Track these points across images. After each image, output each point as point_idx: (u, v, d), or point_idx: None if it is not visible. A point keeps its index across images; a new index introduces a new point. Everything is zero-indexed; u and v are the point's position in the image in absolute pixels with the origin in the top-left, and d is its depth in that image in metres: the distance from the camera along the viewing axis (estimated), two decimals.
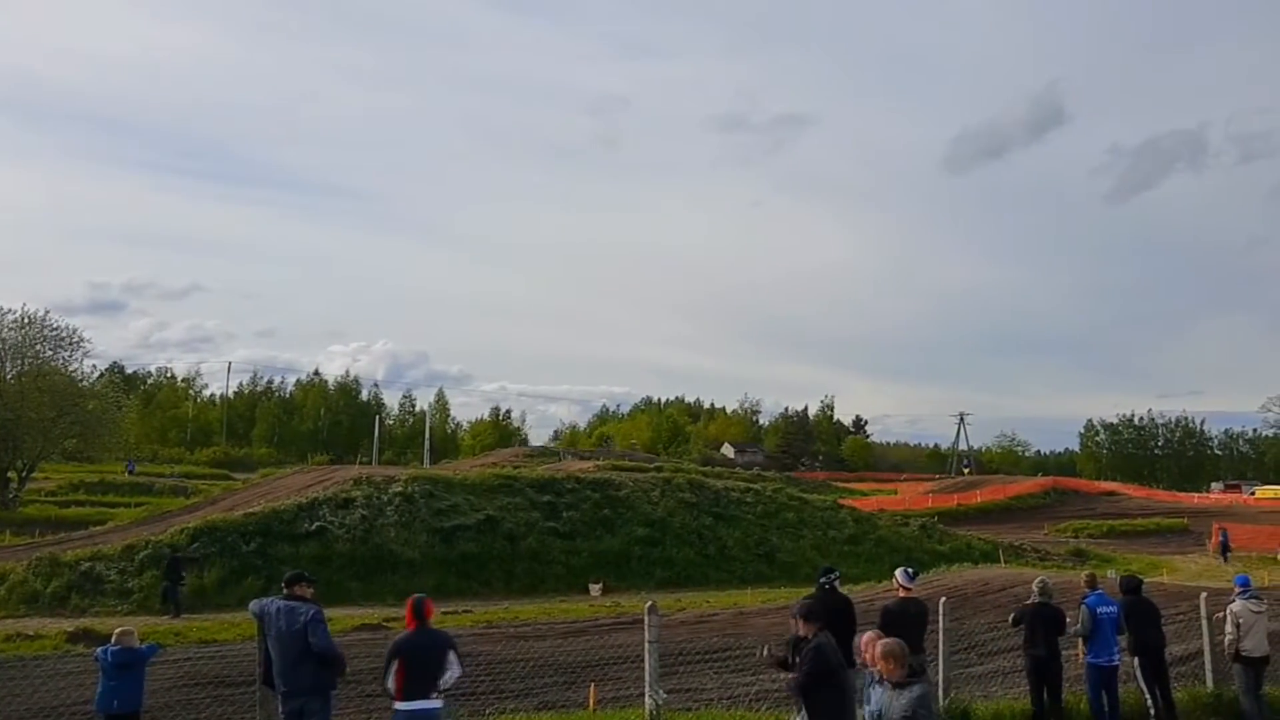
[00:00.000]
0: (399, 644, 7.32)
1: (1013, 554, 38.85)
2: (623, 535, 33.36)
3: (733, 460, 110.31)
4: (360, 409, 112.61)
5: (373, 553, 28.58)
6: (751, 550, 35.18)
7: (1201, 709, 10.86)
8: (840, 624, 9.07)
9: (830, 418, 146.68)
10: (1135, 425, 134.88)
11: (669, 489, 38.57)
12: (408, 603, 7.57)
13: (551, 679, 14.25)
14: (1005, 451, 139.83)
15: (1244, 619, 10.78)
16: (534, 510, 33.56)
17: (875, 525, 41.56)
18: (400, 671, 7.15)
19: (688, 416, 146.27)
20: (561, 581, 29.59)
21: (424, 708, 7.17)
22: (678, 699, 12.24)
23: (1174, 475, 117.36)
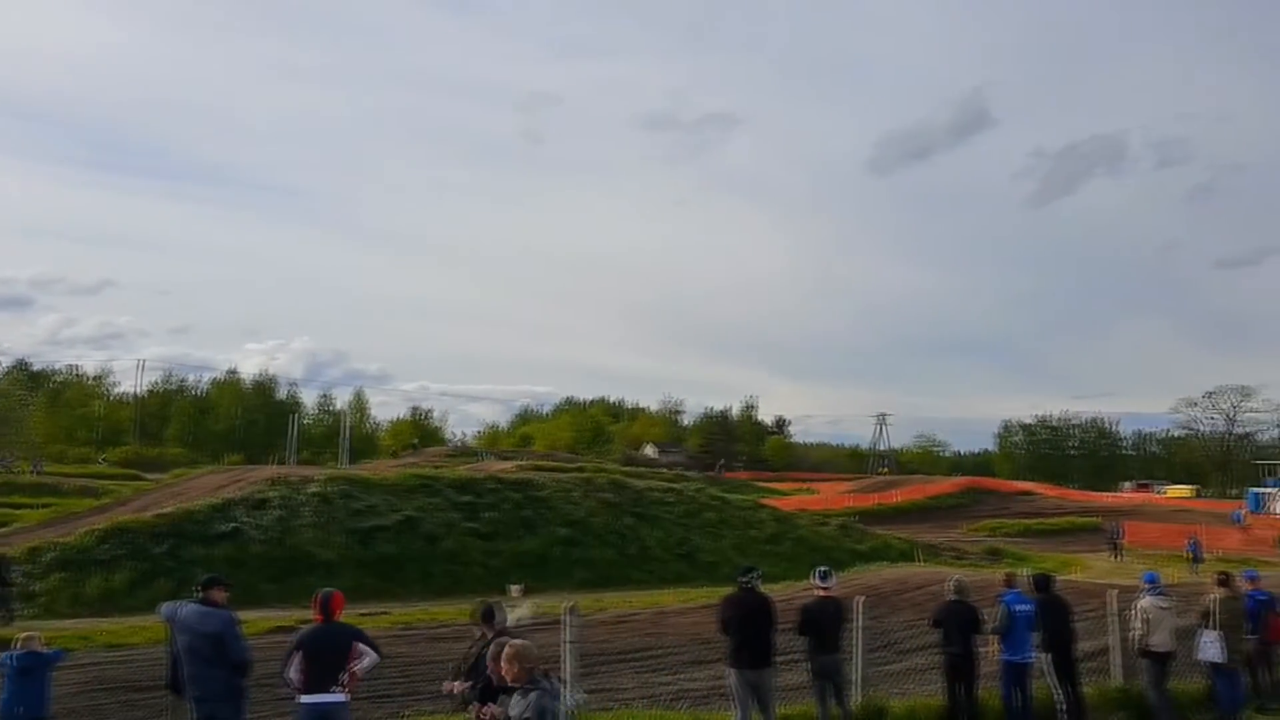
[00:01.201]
0: (302, 637, 7.29)
1: (930, 553, 39.46)
2: (543, 536, 33.11)
3: (655, 460, 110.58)
4: (277, 408, 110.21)
5: (289, 554, 27.92)
6: (672, 550, 35.19)
7: (1109, 703, 11.09)
8: (760, 622, 9.07)
9: (752, 418, 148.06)
10: (1050, 426, 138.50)
11: (590, 489, 38.42)
12: (314, 597, 7.47)
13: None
14: (924, 452, 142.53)
15: (1152, 615, 11.04)
16: (453, 511, 33.14)
17: (795, 525, 41.88)
18: (304, 665, 7.08)
19: (610, 416, 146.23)
20: (481, 582, 29.19)
21: (327, 701, 7.10)
22: (597, 699, 12.15)
23: (1087, 475, 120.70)
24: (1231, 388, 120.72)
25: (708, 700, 11.83)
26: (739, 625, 9.04)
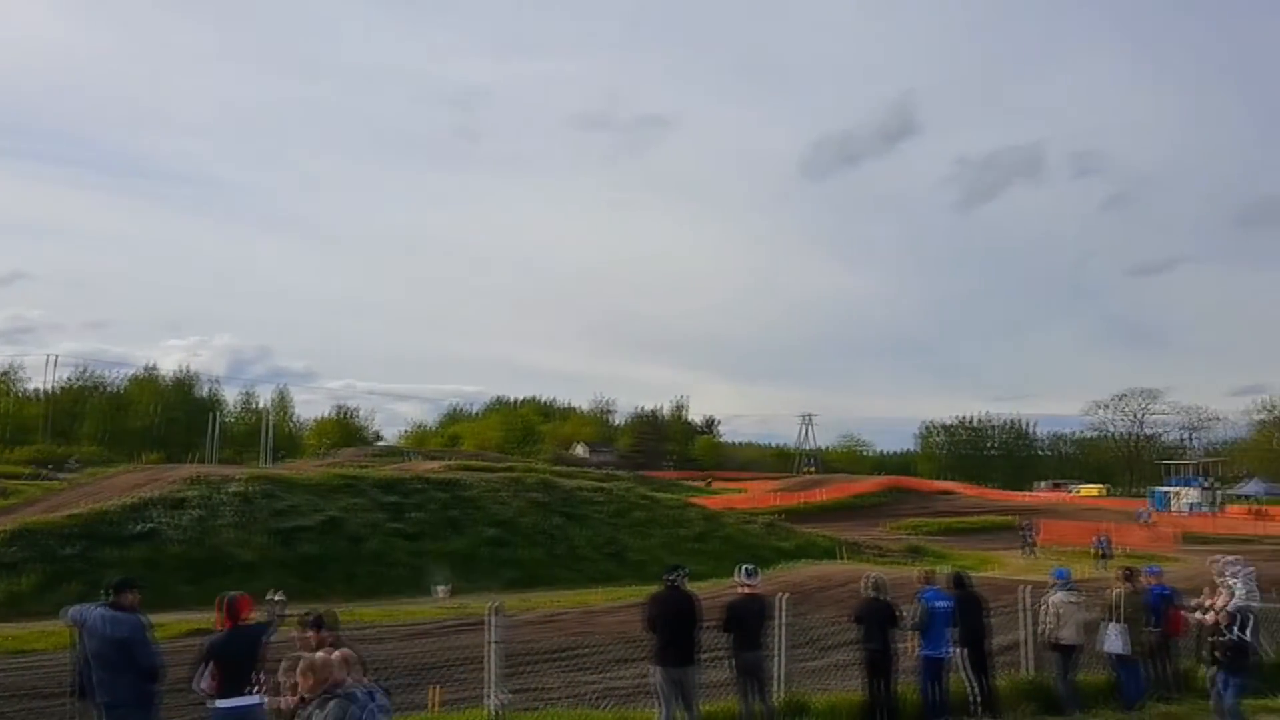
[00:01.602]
0: (212, 646, 7.18)
1: (852, 551, 40.12)
2: (470, 536, 32.96)
3: (586, 460, 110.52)
4: (198, 406, 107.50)
5: (208, 555, 27.41)
6: (601, 549, 35.26)
7: (1020, 694, 11.40)
8: (685, 621, 9.17)
9: (683, 418, 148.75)
10: (970, 427, 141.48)
11: (519, 489, 38.35)
12: (218, 601, 7.35)
13: (393, 682, 13.88)
14: (848, 451, 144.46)
15: (1062, 610, 11.41)
16: (378, 511, 32.84)
17: (723, 523, 42.26)
18: (217, 672, 6.99)
19: (541, 416, 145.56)
20: (406, 583, 28.99)
21: (243, 704, 7.03)
22: (522, 699, 12.14)
23: (1005, 475, 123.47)
24: (1139, 391, 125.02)
25: (633, 698, 11.91)
26: (664, 623, 9.13)
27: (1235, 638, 9.33)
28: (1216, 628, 9.50)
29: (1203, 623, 9.94)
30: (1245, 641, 9.39)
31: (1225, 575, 9.89)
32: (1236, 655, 9.37)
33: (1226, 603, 9.53)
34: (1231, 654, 9.36)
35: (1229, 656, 9.38)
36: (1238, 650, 9.36)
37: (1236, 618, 9.37)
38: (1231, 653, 9.37)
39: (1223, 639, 9.44)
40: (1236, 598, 9.51)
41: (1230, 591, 9.62)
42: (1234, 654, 9.36)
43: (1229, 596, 9.57)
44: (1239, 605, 9.44)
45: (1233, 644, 9.34)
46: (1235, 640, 9.33)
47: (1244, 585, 9.65)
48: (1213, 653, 9.61)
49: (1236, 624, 9.35)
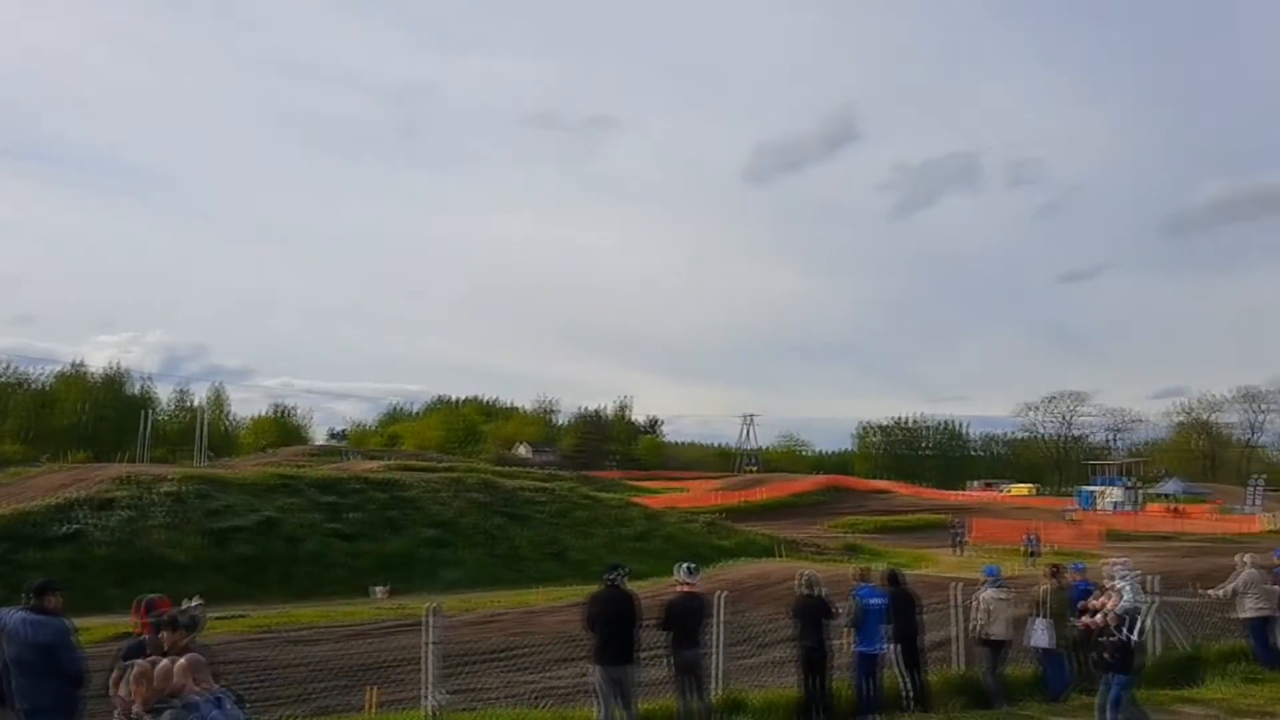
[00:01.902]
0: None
1: (791, 549, 40.55)
2: (410, 536, 32.74)
3: (528, 460, 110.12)
4: (128, 404, 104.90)
5: (137, 557, 26.88)
6: (543, 549, 35.22)
7: (951, 689, 11.65)
8: (624, 620, 9.26)
9: (626, 418, 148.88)
10: (905, 427, 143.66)
11: (460, 489, 38.17)
12: (136, 604, 7.18)
13: (330, 683, 13.85)
14: (788, 451, 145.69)
15: (992, 606, 11.70)
16: (316, 511, 32.48)
17: (664, 522, 42.45)
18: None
19: (483, 416, 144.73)
20: (344, 584, 28.73)
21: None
22: (461, 699, 12.14)
23: (939, 474, 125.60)
24: (1068, 394, 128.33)
25: (572, 697, 11.96)
26: (604, 622, 9.19)
27: (1123, 638, 9.50)
28: (1105, 629, 9.66)
29: (1091, 625, 10.04)
30: (1132, 642, 9.59)
31: (1114, 578, 10.05)
32: (1124, 656, 9.55)
33: (1115, 604, 9.67)
34: (1119, 655, 9.55)
35: (1116, 657, 9.55)
36: (1124, 651, 9.55)
37: (1125, 619, 9.55)
38: (1119, 653, 9.54)
39: (1111, 639, 9.60)
40: (1124, 600, 9.66)
41: (1118, 594, 9.77)
42: (1121, 654, 9.54)
43: (1117, 598, 9.73)
44: (1126, 607, 9.61)
45: (1120, 644, 9.52)
46: (1123, 641, 9.51)
47: (1131, 588, 9.84)
48: (1101, 654, 9.74)
49: (1125, 625, 9.53)
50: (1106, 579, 10.20)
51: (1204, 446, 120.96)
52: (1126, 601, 9.66)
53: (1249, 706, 11.23)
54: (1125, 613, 9.57)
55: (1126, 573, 10.12)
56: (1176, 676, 12.71)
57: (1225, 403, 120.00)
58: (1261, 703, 11.36)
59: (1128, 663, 9.62)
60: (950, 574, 25.59)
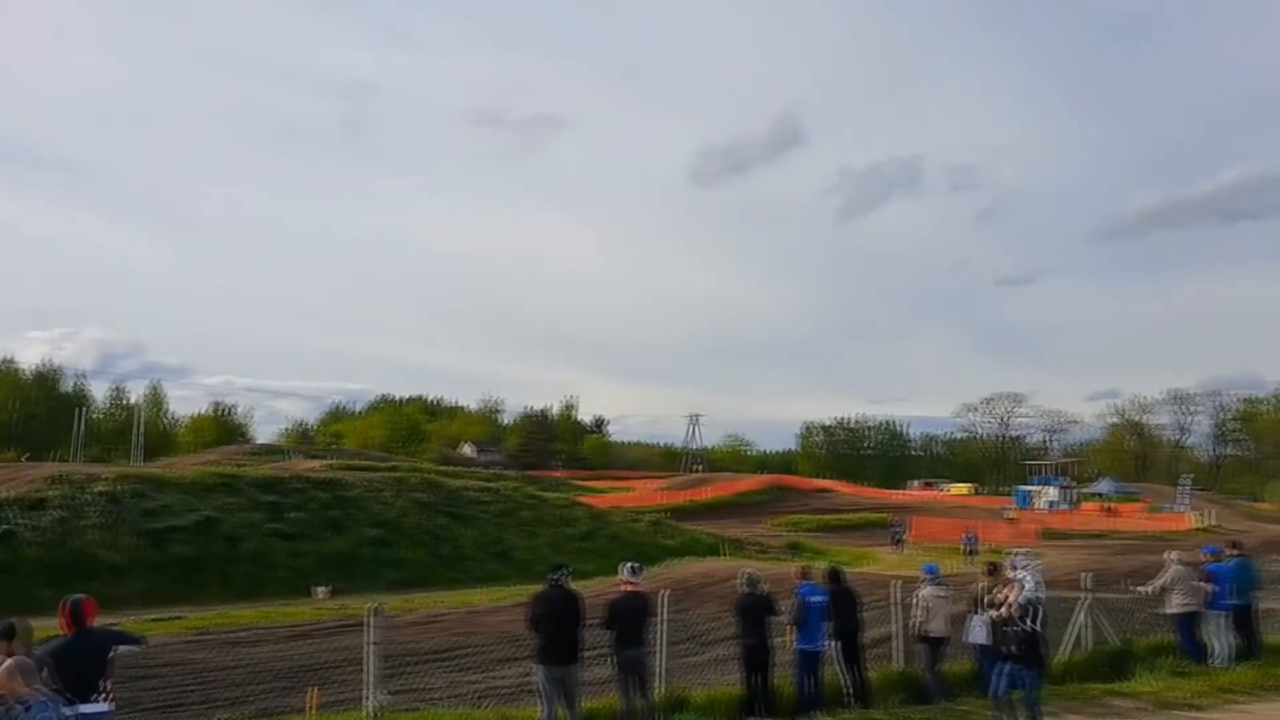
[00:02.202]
0: (53, 652, 6.84)
1: (735, 547, 40.83)
2: (352, 536, 32.40)
3: (473, 459, 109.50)
4: (62, 401, 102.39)
5: (70, 558, 26.26)
6: (487, 549, 35.06)
7: (890, 685, 11.85)
8: (568, 619, 9.29)
9: (572, 417, 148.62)
10: (848, 427, 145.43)
11: (403, 489, 37.86)
12: (61, 606, 7.08)
13: (269, 685, 13.68)
14: (732, 450, 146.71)
15: (931, 603, 11.90)
16: (256, 511, 32.00)
17: (609, 522, 42.49)
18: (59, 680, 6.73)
19: (427, 415, 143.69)
20: (285, 584, 28.35)
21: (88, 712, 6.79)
22: (404, 699, 12.08)
23: (880, 474, 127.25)
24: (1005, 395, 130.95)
25: (516, 697, 11.96)
26: (547, 622, 9.21)
27: (1028, 629, 9.60)
28: (1010, 621, 9.73)
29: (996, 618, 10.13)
30: (1037, 633, 9.70)
31: (1015, 569, 10.21)
32: (1029, 647, 9.64)
33: (1017, 595, 9.77)
34: (1025, 646, 9.62)
35: (1023, 649, 9.63)
36: (1030, 642, 9.64)
37: (1029, 610, 9.65)
38: (1025, 645, 9.62)
39: (1015, 631, 9.69)
40: (1026, 591, 9.76)
41: (1019, 585, 9.87)
42: (1027, 646, 9.62)
43: (1019, 590, 9.83)
44: (1029, 598, 9.71)
45: (1025, 636, 9.61)
46: (1028, 632, 9.60)
47: (1033, 578, 9.95)
48: (1007, 645, 9.81)
49: (1029, 616, 9.63)
50: (1009, 570, 10.36)
51: (1135, 447, 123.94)
52: (1029, 591, 9.77)
53: (1176, 699, 11.56)
54: (1028, 603, 9.69)
55: (1027, 563, 10.30)
56: (1107, 670, 13.04)
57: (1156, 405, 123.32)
58: (1188, 695, 11.70)
59: (1035, 654, 9.72)
60: (890, 572, 25.97)
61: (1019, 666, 9.72)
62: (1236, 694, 11.90)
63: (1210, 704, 11.48)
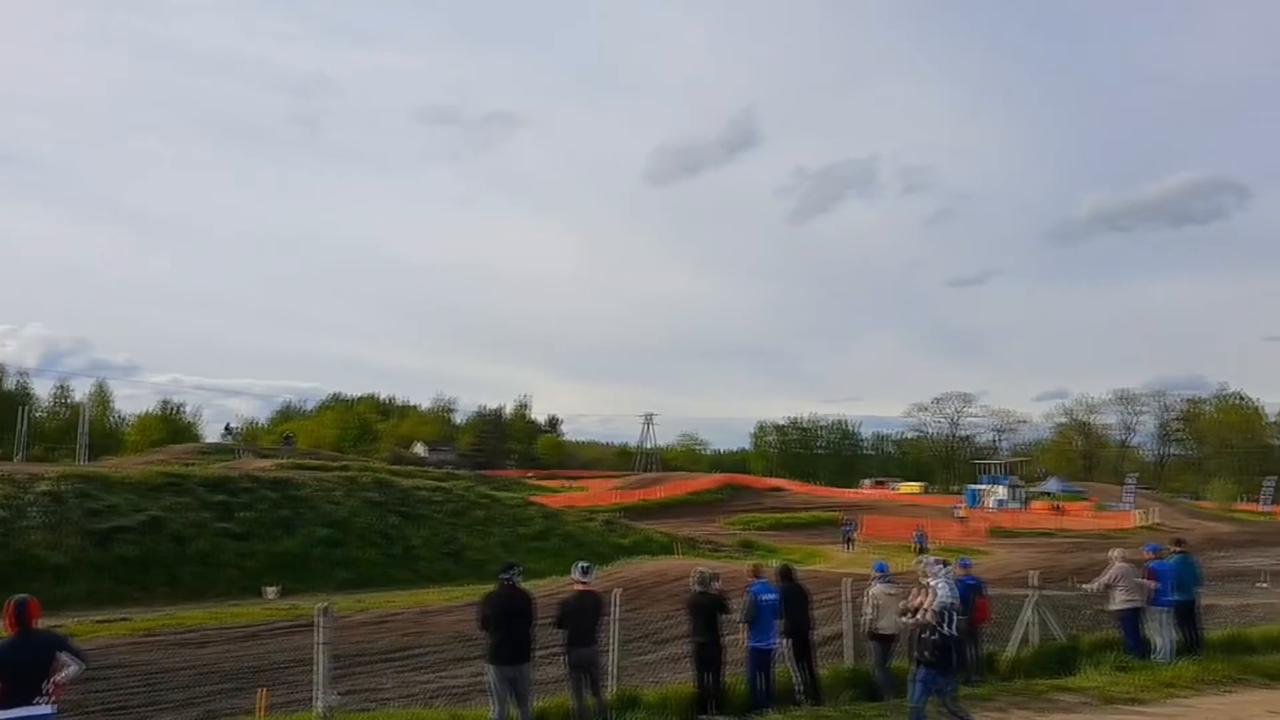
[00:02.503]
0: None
1: (688, 546, 40.99)
2: (302, 536, 32.04)
3: (425, 459, 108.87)
4: (3, 400, 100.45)
5: (11, 559, 25.70)
6: (439, 549, 34.85)
7: (841, 683, 11.96)
8: (519, 619, 9.29)
9: (525, 417, 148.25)
10: (800, 427, 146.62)
11: (354, 488, 37.51)
12: (5, 606, 6.99)
13: (218, 686, 13.56)
14: (686, 450, 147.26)
15: (880, 601, 12.01)
16: (205, 510, 31.52)
17: (563, 521, 42.40)
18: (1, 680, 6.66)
19: (379, 414, 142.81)
20: (234, 585, 28.00)
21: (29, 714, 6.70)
22: (354, 700, 12.02)
23: (832, 472, 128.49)
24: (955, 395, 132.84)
25: (468, 696, 11.93)
26: (498, 622, 9.19)
27: (944, 634, 9.58)
28: (925, 627, 9.70)
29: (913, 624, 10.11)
30: (952, 638, 9.72)
31: (928, 576, 10.22)
32: (943, 653, 9.60)
33: (932, 601, 9.78)
34: (940, 653, 9.58)
35: (937, 655, 9.58)
36: (944, 649, 9.61)
37: (944, 615, 9.64)
38: (939, 651, 9.58)
39: (930, 637, 9.64)
40: (939, 596, 9.77)
41: (933, 591, 9.89)
42: (942, 652, 9.58)
43: (933, 595, 9.84)
44: (944, 602, 9.72)
45: (940, 642, 9.59)
46: (944, 637, 9.59)
47: (945, 584, 9.99)
48: (922, 652, 9.75)
49: (944, 621, 9.62)
50: (921, 577, 10.38)
51: (1083, 447, 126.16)
52: (943, 596, 9.78)
53: (1119, 694, 11.77)
54: (943, 608, 9.70)
55: (939, 569, 10.34)
56: (1054, 666, 13.27)
57: (1103, 405, 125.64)
58: (1131, 690, 11.92)
59: (948, 660, 9.69)
60: (841, 570, 26.20)
61: (934, 673, 9.66)
62: (1178, 688, 12.14)
63: (1153, 698, 11.70)
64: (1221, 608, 19.34)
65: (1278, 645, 14.83)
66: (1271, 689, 12.42)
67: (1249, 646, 14.75)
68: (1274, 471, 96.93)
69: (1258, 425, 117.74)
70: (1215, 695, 11.98)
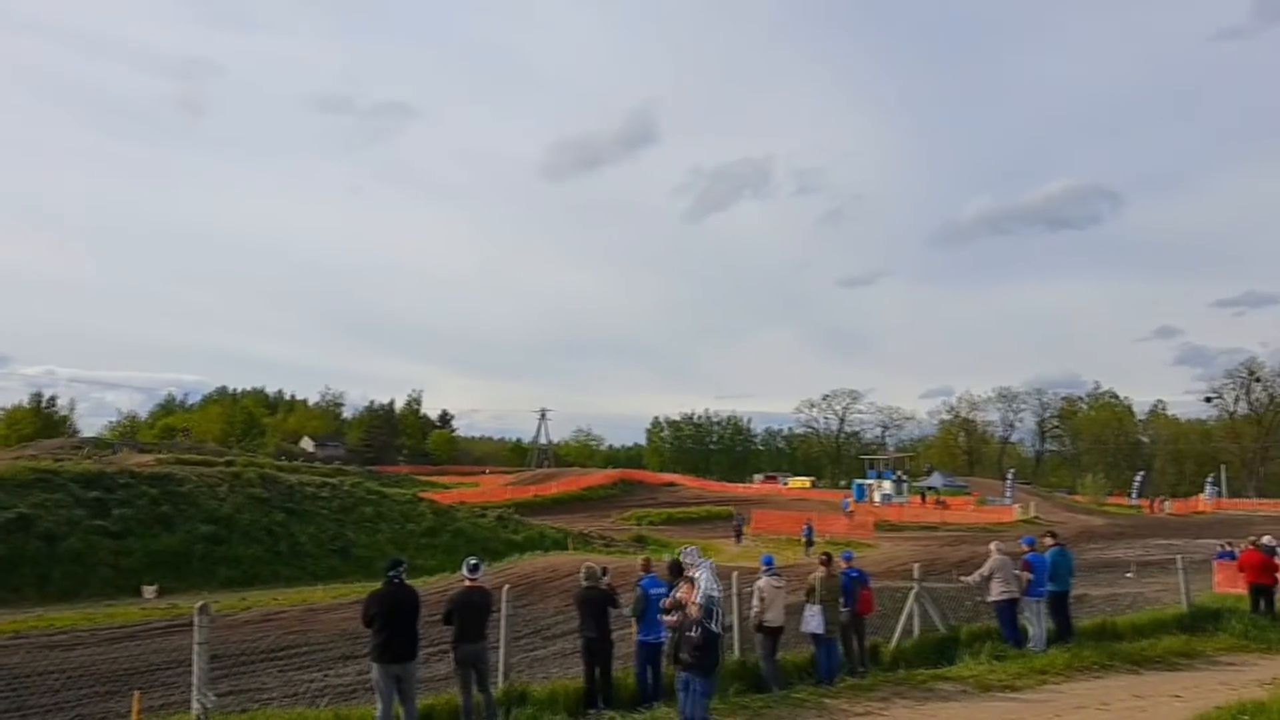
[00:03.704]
0: None
1: (582, 541, 41.09)
2: (183, 533, 31.07)
3: (313, 454, 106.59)
4: None
5: None
6: (326, 546, 34.23)
7: (729, 675, 12.05)
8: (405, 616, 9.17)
9: (417, 412, 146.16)
10: (694, 422, 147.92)
11: (238, 484, 36.52)
12: None
13: (90, 689, 13.05)
14: (581, 445, 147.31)
15: (767, 593, 12.18)
16: (78, 507, 30.29)
17: (454, 517, 42.04)
18: None
19: (265, 408, 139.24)
20: (110, 584, 27.01)
21: None
22: (237, 700, 11.74)
23: (725, 468, 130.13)
24: (844, 392, 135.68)
25: (354, 694, 11.75)
26: (383, 619, 9.06)
27: (710, 631, 8.88)
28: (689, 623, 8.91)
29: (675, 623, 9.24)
30: (717, 635, 9.03)
31: (689, 568, 9.57)
32: (704, 652, 8.86)
33: (695, 597, 8.98)
34: (700, 652, 8.84)
35: (698, 655, 8.85)
36: (707, 648, 8.89)
37: (708, 610, 8.90)
38: (700, 651, 8.84)
39: (692, 635, 8.85)
40: (703, 589, 9.03)
41: (696, 585, 9.12)
42: (702, 651, 8.85)
43: (694, 589, 9.10)
44: (708, 596, 8.98)
45: (703, 641, 8.84)
46: (708, 634, 8.87)
47: (708, 575, 9.26)
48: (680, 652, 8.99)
49: (710, 618, 8.90)
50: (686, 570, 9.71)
51: (966, 443, 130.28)
52: (706, 589, 9.05)
53: (996, 682, 12.19)
54: (707, 602, 8.96)
55: (698, 560, 9.71)
56: (934, 656, 13.65)
57: (985, 402, 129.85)
58: (1007, 679, 12.35)
59: (708, 660, 8.99)
60: (732, 563, 26.53)
61: (693, 674, 8.98)
62: (1051, 675, 12.61)
63: (1027, 685, 12.13)
64: (1092, 597, 20.22)
65: (1143, 633, 15.55)
66: (1137, 674, 13.02)
67: (1117, 634, 15.42)
68: (1143, 466, 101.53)
69: (1128, 423, 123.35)
70: (1085, 681, 12.47)
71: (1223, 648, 14.94)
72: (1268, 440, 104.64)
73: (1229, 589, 20.13)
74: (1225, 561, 22.72)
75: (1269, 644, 15.18)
